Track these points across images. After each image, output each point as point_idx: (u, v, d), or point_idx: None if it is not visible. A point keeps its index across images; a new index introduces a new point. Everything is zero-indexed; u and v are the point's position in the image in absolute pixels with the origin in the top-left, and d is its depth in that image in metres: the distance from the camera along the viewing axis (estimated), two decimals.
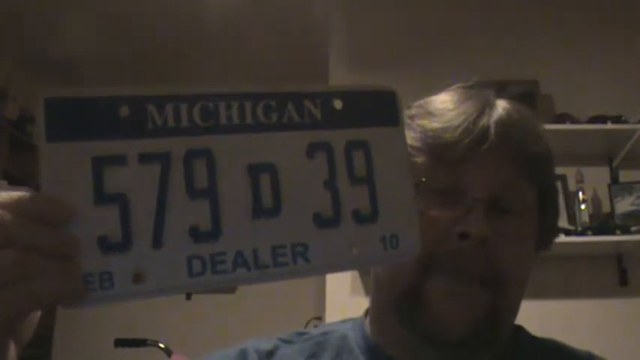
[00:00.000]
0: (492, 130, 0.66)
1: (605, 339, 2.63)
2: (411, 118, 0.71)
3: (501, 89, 0.77)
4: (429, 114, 0.69)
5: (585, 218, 2.72)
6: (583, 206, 2.75)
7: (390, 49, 3.13)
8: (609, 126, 2.72)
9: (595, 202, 2.80)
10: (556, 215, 0.74)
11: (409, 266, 0.63)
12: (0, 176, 3.35)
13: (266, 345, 0.73)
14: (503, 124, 0.67)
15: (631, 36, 3.01)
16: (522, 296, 0.69)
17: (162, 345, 2.77)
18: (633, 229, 2.61)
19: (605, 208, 2.80)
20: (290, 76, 3.70)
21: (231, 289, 3.81)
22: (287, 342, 0.74)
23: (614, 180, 2.86)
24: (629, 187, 2.79)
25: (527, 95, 2.92)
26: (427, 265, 0.63)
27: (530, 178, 0.67)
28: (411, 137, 0.68)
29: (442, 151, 0.66)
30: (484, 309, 0.63)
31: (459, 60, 3.01)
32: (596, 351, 0.76)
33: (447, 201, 0.65)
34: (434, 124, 0.67)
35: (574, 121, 2.80)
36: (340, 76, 3.09)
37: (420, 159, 0.67)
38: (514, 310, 0.69)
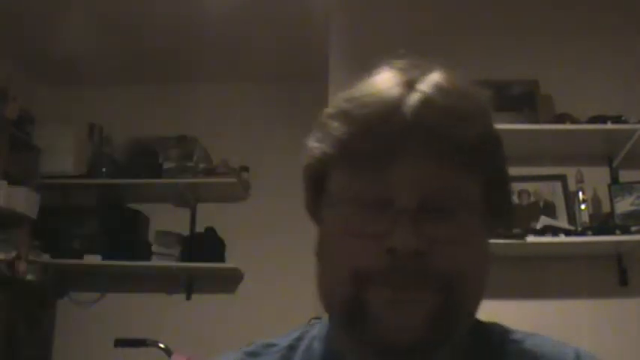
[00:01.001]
0: (412, 121, 0.57)
1: (605, 339, 2.63)
2: (329, 117, 0.63)
3: (501, 89, 0.74)
4: (344, 113, 0.61)
5: (585, 218, 2.72)
6: (583, 206, 2.75)
7: (390, 49, 3.13)
8: (609, 126, 2.72)
9: (595, 202, 2.80)
10: (508, 198, 0.67)
11: (343, 279, 0.60)
12: (0, 176, 3.35)
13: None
14: (424, 113, 0.58)
15: (631, 36, 3.01)
16: (482, 292, 0.63)
17: (162, 345, 2.77)
18: (633, 229, 2.61)
19: (605, 208, 2.80)
20: (290, 76, 3.70)
21: (230, 289, 3.82)
22: (252, 355, 0.71)
23: (614, 180, 2.85)
24: (629, 187, 2.79)
25: (527, 95, 2.92)
26: (363, 278, 0.59)
27: (468, 169, 0.60)
28: (327, 143, 0.62)
29: (357, 159, 0.59)
30: (433, 312, 0.58)
31: (459, 60, 3.00)
32: (596, 351, 0.74)
33: (375, 212, 0.59)
34: (345, 127, 0.60)
35: (574, 121, 2.79)
36: (340, 76, 3.09)
37: (337, 170, 0.61)
38: (472, 308, 0.63)
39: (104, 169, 3.83)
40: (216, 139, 3.93)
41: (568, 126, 2.77)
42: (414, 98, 0.59)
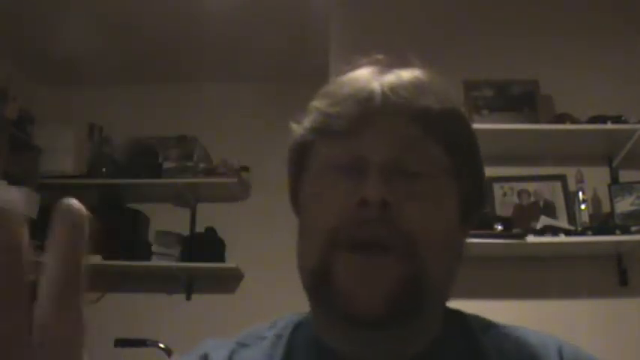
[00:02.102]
0: (380, 93, 0.63)
1: (605, 339, 2.63)
2: (312, 102, 0.69)
3: (501, 89, 0.76)
4: (323, 95, 0.67)
5: (585, 218, 2.72)
6: (583, 206, 2.75)
7: (389, 48, 3.13)
8: (609, 126, 2.72)
9: (595, 202, 2.80)
10: (479, 181, 0.70)
11: (315, 245, 0.61)
12: (0, 176, 3.35)
13: (223, 350, 0.71)
14: (394, 85, 0.64)
15: (631, 36, 3.01)
16: (448, 266, 0.64)
17: (162, 345, 2.77)
18: (633, 229, 2.61)
19: (605, 208, 2.80)
20: (290, 76, 3.70)
21: (231, 289, 3.82)
22: (244, 345, 0.72)
23: (614, 180, 2.85)
24: (629, 187, 2.79)
25: (527, 95, 2.92)
26: (332, 241, 0.60)
27: (435, 138, 0.64)
28: (308, 121, 0.67)
29: (333, 126, 0.63)
30: (398, 281, 0.58)
31: (459, 60, 3.01)
32: (596, 351, 0.74)
33: (349, 172, 0.62)
34: (323, 101, 0.66)
35: (574, 121, 2.79)
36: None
37: (318, 140, 0.66)
38: (439, 282, 0.62)
39: (104, 169, 3.83)
40: (216, 139, 3.93)
41: (568, 126, 2.76)
42: (385, 77, 0.65)
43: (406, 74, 0.66)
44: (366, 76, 0.66)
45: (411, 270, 0.59)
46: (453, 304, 0.71)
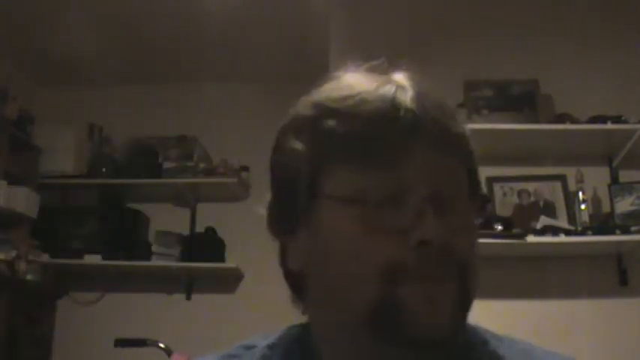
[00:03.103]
0: (413, 112, 0.59)
1: (605, 339, 2.63)
2: (313, 120, 0.63)
3: (501, 89, 0.75)
4: (340, 112, 0.61)
5: (585, 218, 2.72)
6: (583, 206, 2.75)
7: (390, 48, 3.13)
8: (609, 126, 2.72)
9: (595, 202, 2.80)
10: (479, 188, 0.70)
11: (371, 278, 0.59)
12: (0, 176, 3.35)
13: None
14: (422, 104, 0.60)
15: (631, 36, 3.01)
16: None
17: (162, 345, 2.77)
18: (633, 229, 2.61)
19: (605, 208, 2.80)
20: (290, 76, 3.70)
21: (231, 289, 3.82)
22: (231, 357, 0.72)
23: (614, 180, 2.85)
24: (629, 187, 2.79)
25: (527, 95, 2.92)
26: (390, 276, 0.59)
27: (462, 162, 0.63)
28: (321, 144, 0.61)
29: (366, 156, 0.59)
30: (457, 304, 0.61)
31: (459, 59, 3.01)
32: (596, 351, 0.74)
33: (391, 207, 0.59)
34: (347, 126, 0.60)
35: (574, 121, 2.79)
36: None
37: (338, 170, 0.61)
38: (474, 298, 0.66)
39: (104, 169, 3.84)
40: (216, 139, 3.93)
41: (568, 126, 2.76)
42: (409, 94, 0.60)
43: (423, 90, 0.62)
44: (389, 92, 0.60)
45: (464, 293, 0.62)
46: None
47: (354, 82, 0.63)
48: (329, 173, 0.61)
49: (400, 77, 0.64)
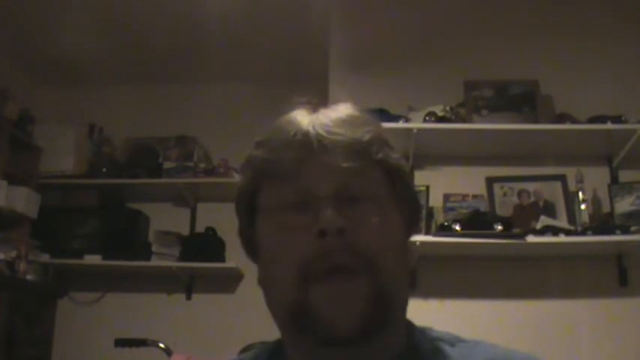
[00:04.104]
0: (315, 133, 0.69)
1: (605, 339, 2.63)
2: (252, 151, 0.75)
3: (501, 89, 0.77)
4: (263, 142, 0.74)
5: (585, 218, 2.72)
6: (583, 206, 2.75)
7: (390, 49, 3.13)
8: (609, 126, 2.72)
9: (595, 202, 2.80)
10: (413, 196, 0.77)
11: (287, 282, 0.67)
12: (0, 176, 3.35)
13: None
14: (325, 124, 0.70)
15: (631, 36, 3.01)
16: (403, 277, 0.70)
17: (162, 345, 2.77)
18: (633, 229, 2.61)
19: (605, 208, 2.80)
20: (290, 76, 3.70)
21: (231, 289, 3.82)
22: None
23: (614, 180, 2.86)
24: (629, 187, 2.79)
25: (527, 95, 2.92)
26: (304, 275, 0.65)
27: (369, 163, 0.70)
28: (251, 170, 0.74)
29: (278, 170, 0.70)
30: (367, 299, 0.65)
31: (459, 60, 3.01)
32: (596, 351, 0.74)
33: (301, 209, 0.68)
34: (263, 149, 0.73)
35: (574, 121, 2.79)
36: (340, 76, 3.09)
37: (265, 186, 0.72)
38: (397, 293, 0.69)
39: (104, 169, 3.83)
40: (216, 139, 3.93)
41: (568, 126, 2.76)
42: (316, 117, 0.72)
43: (334, 112, 0.72)
44: (299, 120, 0.72)
45: (375, 287, 0.65)
46: (455, 303, 0.72)
47: (283, 118, 0.74)
48: (260, 192, 0.73)
49: (320, 108, 0.74)
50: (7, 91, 3.47)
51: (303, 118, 0.72)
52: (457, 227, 2.62)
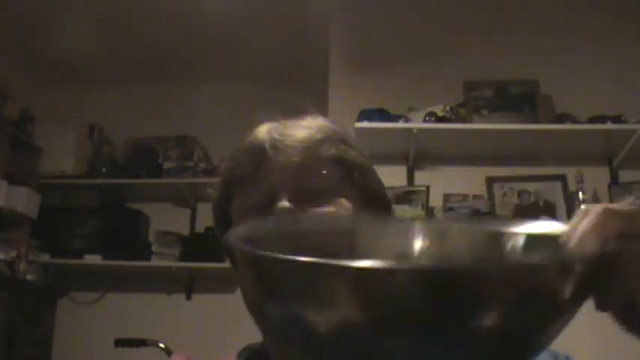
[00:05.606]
0: (270, 141, 0.77)
1: (605, 339, 2.63)
2: (220, 170, 0.86)
3: (501, 89, 0.78)
4: (229, 159, 0.84)
5: None
6: (583, 206, 2.74)
7: (389, 49, 3.13)
8: (609, 126, 2.72)
9: (595, 202, 2.79)
10: (373, 186, 0.82)
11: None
12: (0, 176, 3.35)
13: None
14: (280, 132, 0.78)
15: (631, 36, 3.01)
16: None
17: (162, 345, 2.77)
18: None
19: None
20: (290, 76, 3.70)
21: (231, 289, 3.82)
22: None
23: (614, 180, 2.85)
24: (629, 187, 2.79)
25: (527, 95, 2.92)
26: None
27: (325, 158, 0.77)
28: (222, 184, 0.82)
29: (241, 177, 0.78)
30: None
31: (459, 60, 3.01)
32: (596, 351, 0.74)
33: (263, 208, 0.74)
34: (230, 163, 0.83)
35: (574, 121, 2.79)
36: (340, 76, 3.09)
37: (234, 198, 0.80)
38: None
39: (104, 169, 3.83)
40: (216, 139, 3.92)
41: (568, 126, 2.76)
42: (273, 127, 0.80)
43: (292, 122, 0.80)
44: (258, 130, 0.81)
45: None
46: None
47: (250, 135, 0.82)
48: (231, 202, 0.80)
49: (281, 120, 0.81)
50: (7, 91, 3.47)
51: (261, 129, 0.80)
52: None
